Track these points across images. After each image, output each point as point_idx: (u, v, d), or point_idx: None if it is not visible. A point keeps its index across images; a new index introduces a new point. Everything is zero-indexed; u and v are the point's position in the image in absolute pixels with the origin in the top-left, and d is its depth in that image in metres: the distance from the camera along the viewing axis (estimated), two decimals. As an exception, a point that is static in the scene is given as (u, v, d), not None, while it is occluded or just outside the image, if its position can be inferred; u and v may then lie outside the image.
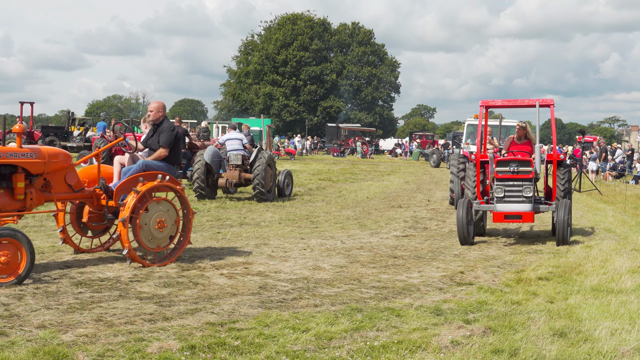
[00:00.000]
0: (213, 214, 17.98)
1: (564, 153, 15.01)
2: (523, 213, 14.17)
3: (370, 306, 8.72)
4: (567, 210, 13.92)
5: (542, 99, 14.87)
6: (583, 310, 8.51)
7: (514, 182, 14.25)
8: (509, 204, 14.24)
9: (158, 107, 12.32)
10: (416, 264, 12.01)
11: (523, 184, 14.20)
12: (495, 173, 14.36)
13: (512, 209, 14.20)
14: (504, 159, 14.41)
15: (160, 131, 12.01)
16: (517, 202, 14.22)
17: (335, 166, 46.40)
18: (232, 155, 21.59)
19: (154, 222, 10.94)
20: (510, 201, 14.26)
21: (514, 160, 14.30)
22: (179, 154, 12.17)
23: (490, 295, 9.48)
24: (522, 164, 14.22)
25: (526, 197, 14.19)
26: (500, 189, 14.25)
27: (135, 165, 11.48)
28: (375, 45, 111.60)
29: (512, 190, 14.25)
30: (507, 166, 14.27)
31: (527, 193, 14.16)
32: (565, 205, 13.97)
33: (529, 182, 14.19)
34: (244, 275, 10.48)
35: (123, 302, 8.57)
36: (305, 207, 20.52)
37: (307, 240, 14.11)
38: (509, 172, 14.21)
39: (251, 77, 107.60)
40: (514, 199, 14.24)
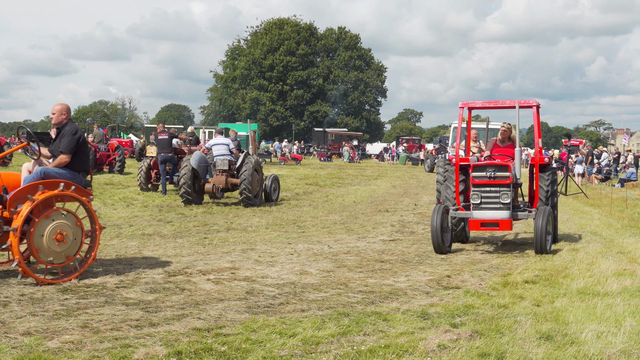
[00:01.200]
0: (200, 219, 17.95)
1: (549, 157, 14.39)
2: (500, 220, 13.49)
3: (357, 311, 8.71)
4: (546, 217, 13.27)
5: (525, 100, 14.33)
6: (569, 313, 8.53)
7: (490, 188, 13.60)
8: (486, 210, 13.61)
9: (61, 109, 10.99)
10: (403, 268, 12.01)
11: (500, 189, 13.54)
12: (472, 178, 13.73)
13: (489, 216, 13.56)
14: (480, 164, 13.77)
15: (62, 135, 10.84)
16: (494, 209, 13.57)
17: (322, 171, 46.40)
18: (219, 160, 21.57)
19: (52, 234, 9.98)
20: (487, 208, 13.63)
21: (490, 165, 13.66)
22: (85, 160, 10.99)
23: (476, 299, 9.48)
24: (499, 169, 13.58)
25: (504, 204, 13.52)
26: (476, 195, 13.63)
27: (33, 172, 10.48)
28: (361, 50, 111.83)
29: (489, 196, 13.62)
30: (483, 171, 13.63)
31: (504, 199, 13.49)
32: (544, 213, 13.34)
33: (507, 187, 13.54)
34: (230, 280, 10.45)
35: (109, 308, 8.53)
36: (292, 211, 20.50)
37: (294, 245, 14.09)
38: (486, 177, 13.58)
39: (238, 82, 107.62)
40: (491, 206, 13.60)
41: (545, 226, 13.17)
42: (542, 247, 13.20)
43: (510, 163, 13.70)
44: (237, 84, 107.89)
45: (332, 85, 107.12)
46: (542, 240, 13.15)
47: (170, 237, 14.74)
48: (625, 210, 22.69)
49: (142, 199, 22.04)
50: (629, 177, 37.13)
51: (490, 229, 13.90)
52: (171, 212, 19.32)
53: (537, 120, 14.67)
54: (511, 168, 13.58)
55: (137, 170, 25.72)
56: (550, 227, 13.72)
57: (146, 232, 15.40)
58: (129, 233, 15.14)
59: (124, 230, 15.54)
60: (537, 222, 13.22)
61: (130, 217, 17.97)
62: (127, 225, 16.38)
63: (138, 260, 11.96)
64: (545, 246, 13.28)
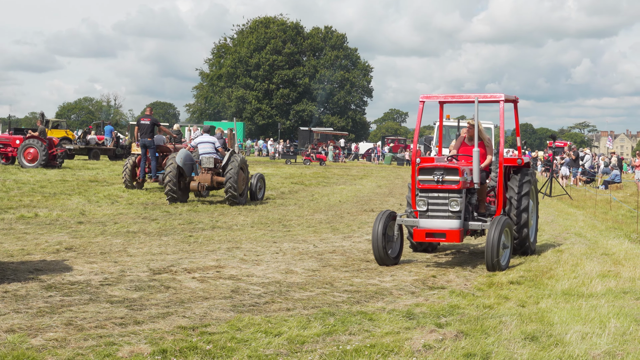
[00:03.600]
0: (185, 217, 17.90)
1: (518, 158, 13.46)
2: (448, 231, 11.90)
3: (343, 310, 8.71)
4: (499, 228, 11.61)
5: (492, 94, 13.22)
6: (554, 314, 8.55)
7: (438, 194, 12.06)
8: (433, 219, 12.05)
9: None
10: (388, 268, 12.01)
11: (449, 196, 11.99)
12: (417, 182, 12.25)
13: (436, 226, 11.97)
14: (426, 166, 12.25)
15: None
16: (442, 217, 12.03)
17: (307, 170, 46.40)
18: (205, 158, 21.52)
19: None
20: (434, 216, 12.07)
21: (438, 167, 12.11)
22: None
23: (462, 299, 9.50)
24: (448, 172, 12.00)
25: (453, 212, 11.96)
26: (422, 202, 12.11)
27: None
28: (348, 50, 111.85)
29: (436, 203, 12.08)
30: (430, 174, 12.06)
31: (453, 207, 11.92)
32: (498, 223, 11.71)
33: (457, 193, 11.99)
34: (216, 279, 10.43)
35: (93, 306, 8.49)
36: (278, 210, 20.49)
37: (279, 244, 14.08)
38: (433, 181, 12.04)
39: (224, 80, 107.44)
40: (439, 214, 12.06)
41: (498, 239, 11.55)
42: (494, 262, 11.57)
43: (461, 166, 12.20)
44: (223, 82, 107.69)
45: (318, 84, 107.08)
46: (494, 254, 11.53)
47: (155, 235, 14.70)
48: (609, 212, 22.81)
49: (127, 197, 21.97)
50: (613, 179, 37.32)
51: (436, 240, 12.28)
52: (156, 209, 19.27)
53: (515, 116, 13.96)
54: (462, 171, 12.06)
55: (122, 168, 25.62)
56: (508, 239, 12.09)
57: (131, 229, 15.34)
58: (113, 230, 15.09)
59: (108, 227, 15.48)
60: (489, 234, 11.64)
61: (114, 214, 17.91)
62: (111, 222, 16.32)
63: (123, 258, 11.92)
64: (499, 261, 11.64)
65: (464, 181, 12.06)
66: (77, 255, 12.03)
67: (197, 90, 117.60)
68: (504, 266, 11.80)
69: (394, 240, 12.41)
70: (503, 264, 11.82)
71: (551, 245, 14.74)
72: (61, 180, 26.64)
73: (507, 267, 11.92)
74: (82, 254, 12.16)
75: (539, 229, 17.12)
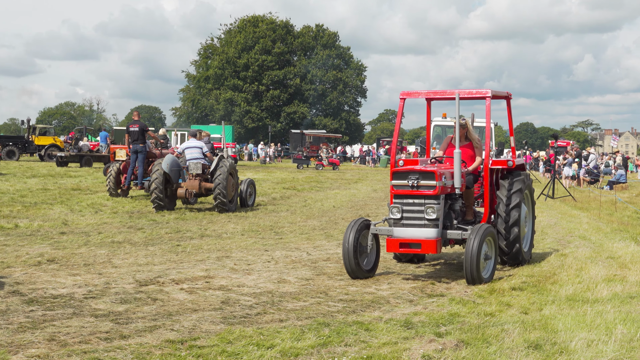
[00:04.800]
0: (172, 225, 17.88)
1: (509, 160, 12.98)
2: (423, 241, 11.30)
3: (338, 320, 8.70)
4: (479, 238, 11.01)
5: (471, 91, 12.82)
6: (558, 321, 8.56)
7: (414, 200, 11.46)
8: (408, 228, 11.47)
9: None
10: (385, 275, 12.02)
11: (425, 202, 11.38)
12: (392, 187, 11.70)
13: (411, 235, 11.41)
14: (401, 170, 11.70)
15: None
16: (418, 225, 11.41)
17: (300, 174, 46.40)
18: (192, 164, 21.49)
19: None
20: (409, 225, 11.48)
21: (413, 171, 11.51)
22: None
23: (462, 306, 9.51)
24: (424, 177, 11.39)
25: (429, 220, 11.36)
26: (397, 209, 11.51)
27: None
28: (340, 48, 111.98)
29: (411, 210, 11.47)
30: (404, 179, 11.47)
31: (430, 214, 11.31)
32: (478, 232, 11.13)
33: (434, 200, 11.38)
34: (205, 289, 10.42)
35: (77, 320, 8.47)
36: (269, 217, 20.48)
37: (271, 252, 14.07)
38: (407, 186, 11.43)
39: (211, 82, 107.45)
40: (414, 222, 11.45)
41: (478, 249, 10.95)
42: (474, 275, 11.02)
43: (438, 169, 11.62)
44: (210, 84, 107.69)
45: (310, 85, 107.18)
46: (474, 267, 10.97)
47: (141, 245, 14.67)
48: (614, 214, 22.84)
49: (111, 205, 21.94)
50: (618, 179, 37.37)
51: (410, 251, 11.72)
52: (142, 218, 19.24)
53: (508, 114, 13.79)
54: (440, 175, 11.47)
55: (106, 175, 25.58)
56: (491, 249, 11.53)
57: (116, 239, 15.32)
58: (97, 241, 15.06)
59: (92, 237, 15.45)
60: (468, 244, 11.04)
61: (99, 223, 17.87)
62: (95, 232, 16.28)
63: (107, 269, 11.89)
64: (479, 274, 11.08)
65: (443, 186, 11.49)
66: (59, 267, 11.99)
67: (183, 92, 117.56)
68: (486, 279, 11.25)
69: (368, 252, 11.88)
70: (485, 276, 11.28)
71: (554, 249, 14.76)
72: (42, 189, 26.60)
73: (491, 279, 11.40)
74: (64, 265, 12.12)
75: (542, 233, 17.17)
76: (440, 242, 11.53)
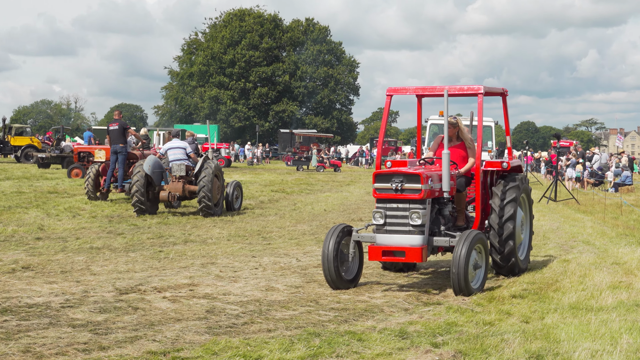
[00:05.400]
0: (154, 230, 17.86)
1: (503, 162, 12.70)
2: (408, 248, 11.01)
3: (329, 330, 8.71)
4: (468, 246, 10.71)
5: (462, 87, 12.62)
6: (561, 331, 8.58)
7: (397, 205, 11.21)
8: (391, 234, 11.22)
9: None
10: (379, 282, 12.03)
11: (410, 206, 11.11)
12: (374, 191, 11.49)
13: (394, 242, 11.14)
14: (384, 172, 11.46)
15: None
16: (402, 232, 11.15)
17: (289, 176, 46.40)
18: (175, 165, 21.45)
19: None
20: (392, 231, 11.23)
21: (397, 173, 11.26)
22: None
23: (460, 315, 9.52)
24: (408, 179, 11.12)
25: (414, 226, 11.08)
26: (379, 214, 11.30)
27: None
28: (331, 44, 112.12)
29: (395, 215, 11.23)
30: (388, 182, 11.24)
31: (415, 220, 11.03)
32: (467, 239, 10.81)
33: (419, 204, 11.09)
34: (189, 298, 10.41)
35: (54, 331, 8.45)
36: (257, 221, 20.47)
37: (258, 259, 14.07)
38: (391, 190, 11.20)
39: (195, 79, 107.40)
40: (398, 229, 11.20)
41: (466, 257, 10.65)
42: (462, 285, 10.73)
43: (425, 171, 11.32)
44: (194, 82, 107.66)
45: (300, 82, 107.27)
46: (462, 276, 10.67)
47: (122, 251, 14.66)
48: (619, 217, 22.91)
49: (89, 209, 21.90)
50: (624, 181, 37.46)
51: (394, 259, 11.47)
52: (122, 223, 19.21)
53: (504, 111, 13.69)
54: (427, 178, 11.17)
55: (85, 177, 25.52)
56: (481, 258, 11.26)
57: (94, 245, 15.29)
58: (75, 246, 15.03)
59: (69, 243, 15.42)
60: (455, 252, 10.75)
61: (76, 228, 17.84)
62: (73, 237, 16.25)
63: (86, 276, 11.87)
64: (467, 284, 10.79)
65: (429, 190, 11.17)
66: (35, 274, 11.97)
67: (166, 90, 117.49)
68: (476, 289, 11.01)
69: (349, 260, 11.61)
70: (475, 286, 11.04)
71: (557, 254, 14.79)
72: (17, 192, 26.54)
73: (482, 290, 11.17)
74: (40, 273, 12.10)
75: (544, 237, 17.21)
76: (426, 250, 11.24)
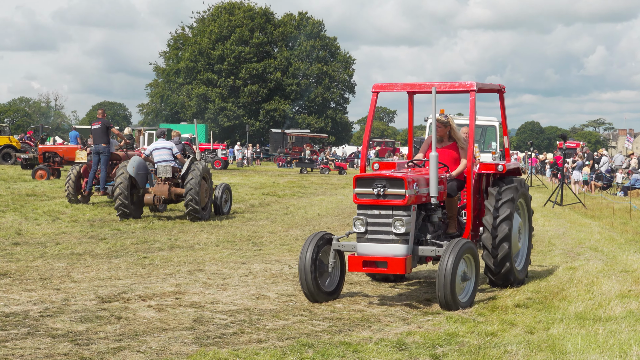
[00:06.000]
0: (138, 235, 17.85)
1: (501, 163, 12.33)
2: (390, 259, 10.67)
3: (323, 341, 8.71)
4: (455, 256, 10.35)
5: (453, 84, 12.25)
6: (567, 342, 8.59)
7: (380, 211, 10.86)
8: (373, 243, 10.88)
9: None
10: (376, 290, 12.04)
11: (393, 213, 10.78)
12: (355, 196, 11.09)
13: (376, 252, 10.81)
14: (364, 176, 11.10)
15: None
16: (384, 241, 10.82)
17: (281, 178, 46.40)
18: (161, 167, 21.44)
19: None
20: (374, 240, 10.89)
21: (379, 177, 10.91)
22: None
23: (461, 325, 9.52)
24: (391, 184, 10.78)
25: (397, 235, 10.75)
26: (360, 221, 10.93)
27: None
28: (326, 39, 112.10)
29: (377, 222, 10.89)
30: (369, 186, 10.90)
31: (398, 228, 10.71)
32: (454, 248, 10.46)
33: (403, 211, 10.75)
34: (175, 307, 10.41)
35: (32, 341, 8.44)
36: (247, 226, 20.48)
37: (249, 265, 14.07)
38: (373, 195, 10.86)
39: (182, 76, 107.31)
40: (380, 237, 10.86)
41: (453, 268, 10.29)
42: (448, 299, 10.38)
43: (409, 175, 11.03)
44: (181, 79, 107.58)
45: (292, 79, 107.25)
46: (448, 289, 10.31)
47: (104, 257, 14.65)
48: (629, 223, 22.94)
49: (70, 213, 21.87)
50: (633, 184, 37.49)
51: (376, 271, 11.13)
52: (105, 227, 19.20)
53: (501, 109, 13.29)
54: (412, 182, 10.85)
55: (65, 179, 25.47)
56: (471, 269, 10.96)
57: (75, 251, 15.28)
58: (55, 252, 15.02)
59: (49, 249, 15.41)
60: (441, 263, 10.42)
61: (56, 233, 17.82)
62: (53, 243, 16.24)
63: (66, 284, 11.86)
64: (455, 298, 10.44)
65: (414, 195, 10.85)
66: (12, 282, 11.95)
67: (151, 88, 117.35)
68: (464, 303, 10.66)
69: (329, 271, 11.29)
70: (463, 300, 10.72)
71: (563, 261, 14.82)
72: (-7, 194, 26.49)
73: (472, 304, 10.85)
74: (18, 280, 12.09)
75: (549, 243, 17.25)
76: (411, 260, 10.86)
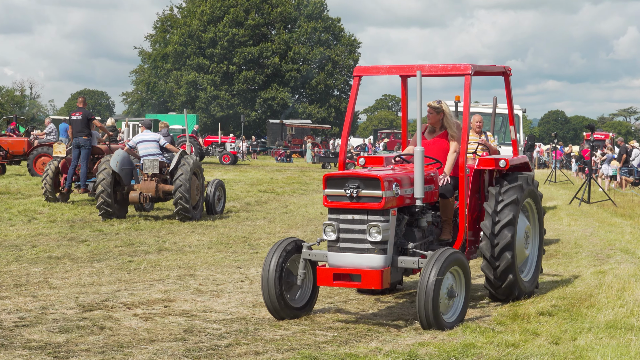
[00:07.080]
0: (123, 237, 17.85)
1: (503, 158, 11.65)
2: (365, 271, 10.02)
3: (327, 352, 8.71)
4: (439, 269, 9.70)
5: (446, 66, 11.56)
6: (596, 353, 8.59)
7: (353, 216, 10.23)
8: (345, 253, 10.26)
9: None
10: (384, 296, 12.03)
11: (369, 219, 10.15)
12: (325, 198, 10.48)
13: (349, 263, 10.19)
14: (335, 175, 10.42)
15: None
16: (358, 250, 10.19)
17: (279, 174, 46.40)
18: (147, 161, 21.41)
19: None
20: (347, 249, 10.28)
21: (352, 176, 10.23)
22: None
23: (479, 335, 9.52)
24: (366, 184, 10.14)
25: (373, 243, 10.10)
26: (331, 227, 10.34)
27: None
28: (329, 20, 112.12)
29: (350, 229, 10.27)
30: (341, 187, 10.25)
31: (374, 236, 10.07)
32: (438, 260, 9.80)
33: (380, 215, 10.12)
34: (164, 315, 10.42)
35: (6, 354, 8.45)
36: (242, 226, 20.48)
37: (244, 270, 14.08)
38: (345, 197, 10.21)
39: (170, 62, 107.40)
40: (353, 246, 10.23)
41: (435, 284, 9.67)
42: (430, 318, 9.73)
43: (387, 174, 10.42)
44: (169, 64, 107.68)
45: (292, 65, 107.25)
46: (429, 307, 9.68)
47: (86, 261, 14.66)
48: (663, 222, 22.92)
49: (48, 212, 21.88)
50: (667, 179, 37.39)
51: (348, 285, 10.45)
52: (86, 228, 19.21)
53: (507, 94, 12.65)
54: (391, 182, 10.26)
55: (42, 175, 25.45)
56: (459, 284, 10.31)
57: (54, 254, 15.29)
58: (31, 256, 15.03)
59: (24, 252, 15.42)
60: (422, 277, 9.81)
61: (32, 235, 17.83)
62: (28, 245, 16.25)
63: (44, 291, 11.87)
64: (438, 317, 9.79)
65: (393, 197, 10.24)
66: (-17, 288, 11.97)
67: (136, 74, 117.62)
68: (450, 323, 9.98)
69: (299, 283, 10.65)
70: (449, 320, 10.07)
71: (591, 265, 14.80)
72: (-37, 192, 26.51)
73: (460, 322, 10.15)
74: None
75: (575, 245, 17.24)
76: (389, 272, 10.19)
